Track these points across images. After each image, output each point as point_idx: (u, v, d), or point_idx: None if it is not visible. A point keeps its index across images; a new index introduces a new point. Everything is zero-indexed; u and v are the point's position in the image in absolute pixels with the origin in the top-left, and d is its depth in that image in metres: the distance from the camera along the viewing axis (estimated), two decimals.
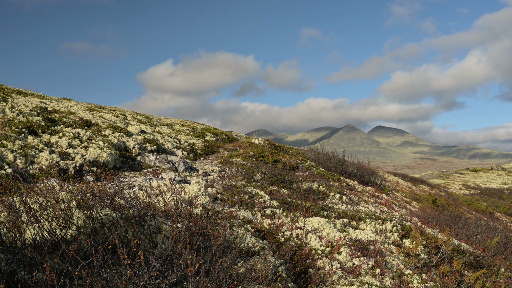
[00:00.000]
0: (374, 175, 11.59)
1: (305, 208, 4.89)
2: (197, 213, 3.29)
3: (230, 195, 4.82)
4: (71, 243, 2.47)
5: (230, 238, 2.93)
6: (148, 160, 5.88)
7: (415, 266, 4.17)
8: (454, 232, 6.45)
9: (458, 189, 27.50)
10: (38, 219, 2.47)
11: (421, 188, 21.76)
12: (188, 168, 5.85)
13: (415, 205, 12.50)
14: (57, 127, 5.84)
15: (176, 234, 2.56)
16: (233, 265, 2.68)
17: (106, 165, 5.14)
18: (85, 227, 2.58)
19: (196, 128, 12.21)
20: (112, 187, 3.47)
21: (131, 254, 2.38)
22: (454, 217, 8.95)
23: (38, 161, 4.49)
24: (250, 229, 3.81)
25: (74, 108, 9.18)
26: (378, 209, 6.40)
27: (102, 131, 6.41)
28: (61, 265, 2.28)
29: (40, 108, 6.67)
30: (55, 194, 2.94)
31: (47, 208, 2.80)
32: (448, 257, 4.52)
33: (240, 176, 5.82)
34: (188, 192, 4.31)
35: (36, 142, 4.90)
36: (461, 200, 18.24)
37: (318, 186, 6.58)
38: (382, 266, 3.84)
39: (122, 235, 2.52)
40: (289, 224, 4.30)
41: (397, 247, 4.53)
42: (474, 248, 5.52)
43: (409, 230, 5.01)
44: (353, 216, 5.18)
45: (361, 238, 4.40)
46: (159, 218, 2.89)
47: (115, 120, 8.56)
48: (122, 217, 2.85)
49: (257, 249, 3.28)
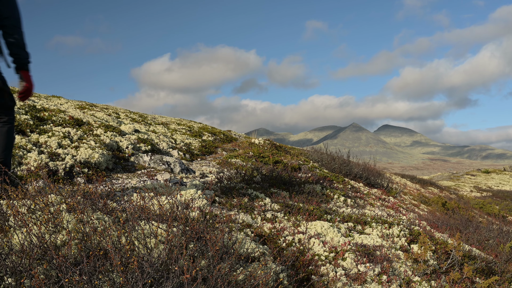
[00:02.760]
0: (380, 176, 11.60)
1: (307, 212, 4.89)
2: (194, 216, 3.29)
3: (229, 198, 4.82)
4: (61, 248, 2.47)
5: (229, 243, 2.93)
6: (142, 161, 5.88)
7: (424, 273, 4.17)
8: (465, 237, 6.45)
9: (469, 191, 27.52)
10: (26, 223, 2.47)
11: (430, 190, 21.78)
12: (185, 169, 5.85)
13: (423, 208, 12.51)
14: (46, 126, 5.84)
15: (172, 239, 2.56)
16: (231, 272, 2.68)
17: (98, 166, 5.14)
18: (75, 231, 2.58)
19: (193, 127, 12.22)
20: (104, 189, 3.48)
21: (124, 260, 2.38)
22: (465, 221, 8.95)
23: (26, 162, 4.49)
24: (250, 233, 3.81)
25: (64, 106, 9.18)
26: (384, 212, 6.40)
27: (93, 130, 6.42)
28: (50, 271, 2.28)
29: (29, 106, 6.67)
30: (44, 196, 2.94)
31: (36, 212, 2.80)
32: (458, 263, 4.52)
33: (239, 177, 5.82)
34: (184, 195, 4.31)
35: (24, 142, 4.90)
36: (472, 203, 18.25)
37: (322, 189, 6.58)
38: (389, 272, 3.84)
39: (115, 240, 2.52)
40: (291, 228, 4.30)
41: (405, 252, 4.53)
42: (486, 254, 5.52)
43: (417, 234, 5.01)
44: (358, 220, 5.18)
45: (367, 243, 4.40)
46: (153, 222, 2.89)
47: (108, 119, 8.56)
48: (114, 221, 2.85)
49: (257, 254, 3.28)
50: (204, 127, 13.79)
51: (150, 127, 9.60)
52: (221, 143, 10.82)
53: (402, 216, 6.52)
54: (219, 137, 11.72)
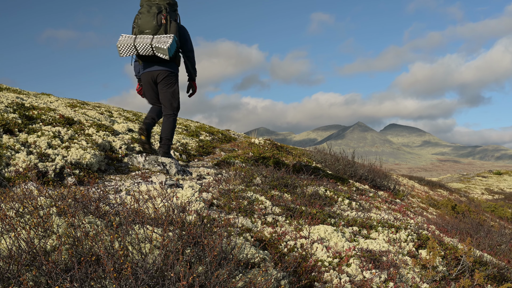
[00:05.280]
0: (387, 178, 11.61)
1: (310, 215, 4.90)
2: (191, 220, 3.29)
3: (227, 201, 4.83)
4: (51, 254, 2.47)
5: (227, 248, 2.93)
6: (136, 161, 5.88)
7: (433, 280, 4.17)
8: (476, 242, 6.46)
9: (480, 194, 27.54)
10: (14, 227, 2.48)
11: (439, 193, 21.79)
12: (181, 171, 5.85)
13: (432, 211, 12.52)
14: (36, 125, 5.85)
15: (168, 244, 2.57)
16: (230, 279, 2.68)
17: (89, 167, 5.14)
18: (66, 236, 2.58)
19: (190, 127, 12.23)
20: (96, 192, 3.48)
21: (118, 266, 2.38)
22: (476, 225, 8.96)
23: (15, 163, 4.50)
24: (250, 238, 3.81)
25: (55, 104, 9.19)
26: (391, 216, 6.41)
27: (85, 129, 6.42)
28: (40, 278, 2.28)
29: (17, 104, 6.68)
30: (33, 199, 2.94)
31: (24, 215, 2.80)
32: (469, 269, 4.52)
33: (238, 179, 5.83)
34: (180, 198, 4.32)
35: (12, 142, 4.90)
36: (484, 206, 18.26)
37: (325, 191, 6.59)
38: (396, 279, 3.84)
39: (108, 245, 2.52)
40: (292, 232, 4.30)
41: (413, 258, 4.53)
42: (497, 260, 5.52)
43: (425, 239, 5.01)
44: (363, 224, 5.19)
45: (373, 248, 4.40)
46: (148, 226, 2.89)
47: (100, 118, 8.57)
48: (107, 225, 2.85)
49: (257, 260, 3.28)
50: (202, 126, 13.81)
51: None
52: (219, 143, 10.83)
53: (410, 220, 6.52)
54: (217, 136, 11.73)
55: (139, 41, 5.12)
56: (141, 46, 5.11)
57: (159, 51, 5.09)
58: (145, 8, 5.26)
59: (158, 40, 5.09)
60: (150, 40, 5.11)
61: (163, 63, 5.42)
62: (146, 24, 5.21)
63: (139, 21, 5.27)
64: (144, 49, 5.12)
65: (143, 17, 5.24)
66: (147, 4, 5.29)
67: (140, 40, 5.13)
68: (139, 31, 5.26)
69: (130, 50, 5.18)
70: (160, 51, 5.08)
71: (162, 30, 5.22)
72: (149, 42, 5.09)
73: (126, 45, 5.14)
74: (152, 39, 5.11)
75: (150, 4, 5.27)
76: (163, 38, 5.11)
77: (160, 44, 5.06)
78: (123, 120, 9.40)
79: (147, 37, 5.15)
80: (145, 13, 5.23)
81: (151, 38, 5.12)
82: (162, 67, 5.43)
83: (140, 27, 5.25)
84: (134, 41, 5.13)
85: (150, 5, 5.26)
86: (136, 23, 5.30)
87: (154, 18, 5.19)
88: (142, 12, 5.27)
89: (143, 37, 5.15)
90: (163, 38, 5.11)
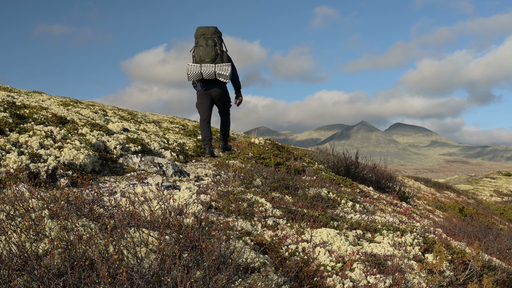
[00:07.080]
0: (392, 180, 11.61)
1: (312, 218, 4.90)
2: (188, 223, 3.29)
3: (226, 203, 4.83)
4: (43, 258, 2.48)
5: (226, 252, 2.93)
6: (131, 162, 5.88)
7: (439, 285, 4.18)
8: (484, 246, 6.46)
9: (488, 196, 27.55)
10: (5, 231, 2.48)
11: (446, 194, 21.80)
12: (178, 172, 5.85)
13: (439, 214, 12.52)
14: (27, 125, 5.85)
15: (164, 247, 2.57)
16: (229, 284, 2.68)
17: (83, 168, 5.14)
18: (59, 239, 2.58)
19: (187, 126, 12.23)
20: (90, 194, 3.48)
21: (112, 270, 2.38)
22: (484, 228, 8.96)
23: (5, 163, 4.50)
24: (249, 242, 3.81)
25: (47, 102, 9.19)
26: (396, 219, 6.41)
27: (78, 129, 6.42)
28: (31, 283, 2.28)
29: (8, 103, 6.68)
30: (24, 201, 2.94)
31: (16, 218, 2.80)
32: (477, 274, 4.52)
33: (238, 181, 5.83)
34: (177, 200, 4.32)
35: (2, 142, 4.90)
36: (492, 209, 18.27)
37: (328, 193, 6.59)
38: (401, 284, 3.85)
39: (102, 249, 2.52)
40: (294, 236, 4.30)
41: (419, 262, 4.53)
42: (507, 264, 5.53)
43: (432, 243, 5.01)
44: (367, 227, 5.19)
45: (377, 252, 4.40)
46: (144, 229, 2.89)
47: (94, 117, 8.57)
48: (101, 228, 2.85)
49: (257, 265, 3.28)
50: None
51: (141, 125, 9.61)
52: (217, 143, 10.81)
53: (416, 222, 6.52)
54: (216, 136, 11.72)
55: (205, 69, 6.78)
56: (206, 73, 6.80)
57: (221, 76, 6.83)
58: (203, 41, 6.88)
59: (220, 68, 6.80)
60: (213, 68, 6.78)
61: (220, 84, 7.15)
62: (206, 55, 6.86)
63: (200, 52, 6.87)
64: (209, 75, 6.83)
65: (203, 49, 6.85)
66: (204, 38, 6.88)
67: (206, 69, 6.78)
68: (200, 59, 6.88)
69: (197, 76, 6.86)
70: (222, 76, 6.84)
71: (219, 59, 6.89)
72: (213, 70, 6.78)
73: (194, 73, 6.81)
74: (214, 67, 6.78)
75: (206, 38, 6.88)
76: (223, 66, 6.82)
77: (222, 71, 6.81)
78: (118, 119, 9.40)
79: (211, 65, 6.80)
80: (204, 45, 6.86)
81: (213, 67, 6.79)
82: (220, 88, 7.25)
83: (201, 57, 6.88)
84: (200, 69, 6.80)
85: (206, 38, 6.87)
86: (197, 53, 6.91)
87: (212, 49, 6.85)
88: (201, 45, 6.88)
89: (207, 66, 6.79)
90: (224, 67, 6.82)
